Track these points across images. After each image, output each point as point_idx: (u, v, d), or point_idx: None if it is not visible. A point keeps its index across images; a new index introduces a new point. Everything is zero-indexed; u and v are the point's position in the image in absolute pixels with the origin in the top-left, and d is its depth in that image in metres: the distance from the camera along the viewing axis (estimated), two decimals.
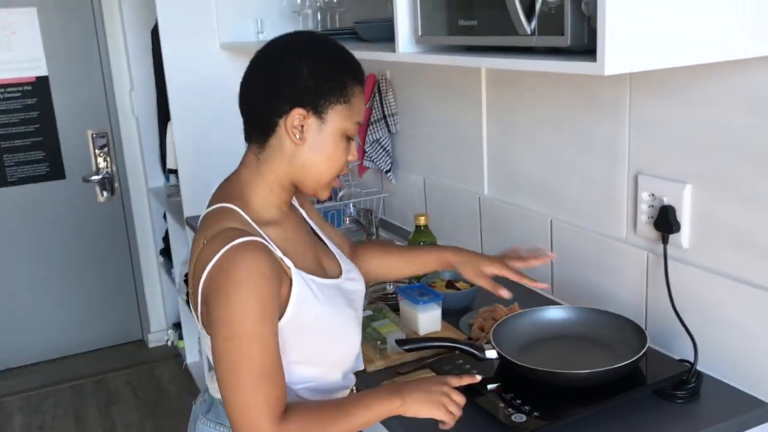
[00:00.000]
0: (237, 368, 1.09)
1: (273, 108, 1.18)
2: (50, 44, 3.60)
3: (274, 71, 1.19)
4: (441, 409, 1.16)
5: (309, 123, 1.18)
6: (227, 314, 1.09)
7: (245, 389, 1.09)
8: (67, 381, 3.73)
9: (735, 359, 1.40)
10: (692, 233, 1.46)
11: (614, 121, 1.60)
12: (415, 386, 1.18)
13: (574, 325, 1.54)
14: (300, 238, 1.28)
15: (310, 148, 1.20)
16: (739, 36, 1.12)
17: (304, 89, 1.17)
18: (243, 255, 1.10)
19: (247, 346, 1.09)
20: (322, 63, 1.19)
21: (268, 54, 1.22)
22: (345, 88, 1.19)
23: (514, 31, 1.20)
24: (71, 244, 3.85)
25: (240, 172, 1.25)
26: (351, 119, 1.21)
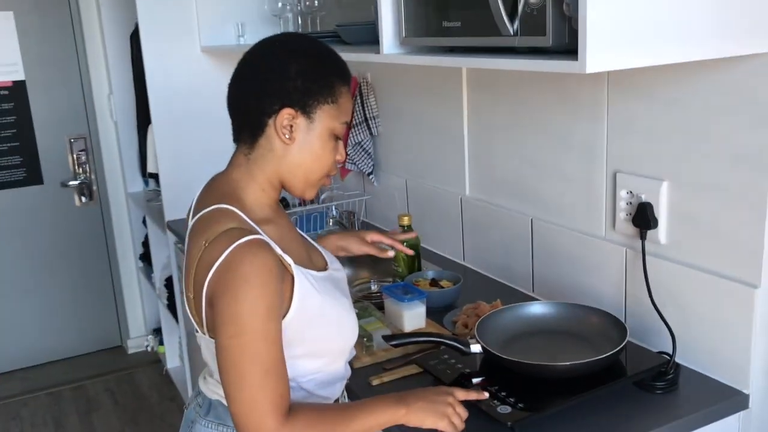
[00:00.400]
0: (242, 365, 1.09)
1: (262, 108, 1.19)
2: (27, 48, 3.58)
3: (262, 72, 1.20)
4: (444, 420, 1.19)
5: (298, 123, 1.19)
6: (235, 312, 1.09)
7: (251, 386, 1.09)
8: (45, 388, 3.69)
9: (712, 351, 1.44)
10: (669, 229, 1.50)
11: (592, 121, 1.64)
12: (420, 395, 1.20)
13: (555, 320, 1.58)
14: (291, 234, 1.30)
15: (299, 148, 1.21)
16: (716, 36, 1.16)
17: (292, 89, 1.18)
18: (250, 252, 1.11)
19: (254, 343, 1.09)
20: (310, 63, 1.20)
21: (257, 55, 1.23)
22: (333, 88, 1.21)
23: (497, 31, 1.23)
24: (49, 249, 3.82)
25: (230, 173, 1.25)
26: (339, 119, 1.23)
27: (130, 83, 3.53)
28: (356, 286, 1.98)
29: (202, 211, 1.21)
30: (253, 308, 1.09)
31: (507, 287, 2.00)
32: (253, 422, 1.09)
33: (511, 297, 1.88)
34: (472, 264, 2.16)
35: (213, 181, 1.28)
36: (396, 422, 1.18)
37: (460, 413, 1.21)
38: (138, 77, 3.36)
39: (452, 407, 1.20)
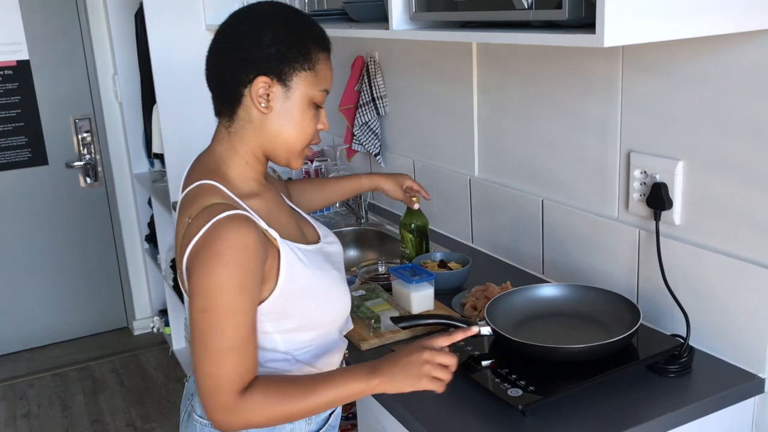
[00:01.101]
0: (206, 340, 1.09)
1: (237, 78, 1.17)
2: (31, 28, 3.54)
3: (236, 42, 1.18)
4: (423, 380, 1.13)
5: (274, 91, 1.17)
6: (205, 285, 1.09)
7: (211, 361, 1.10)
8: (51, 369, 3.69)
9: (726, 334, 1.42)
10: (684, 210, 1.47)
11: (606, 99, 1.60)
12: (391, 362, 1.14)
13: (566, 303, 1.55)
14: (280, 207, 1.29)
15: (277, 117, 1.19)
16: (737, 8, 1.12)
17: (266, 57, 1.16)
18: (228, 228, 1.10)
19: (219, 319, 1.09)
20: (284, 30, 1.17)
21: (230, 25, 1.21)
22: (309, 54, 1.18)
23: (511, 5, 1.20)
24: (54, 231, 3.81)
25: (213, 148, 1.25)
26: (317, 86, 1.20)
27: (135, 63, 3.50)
28: (363, 267, 1.95)
29: (189, 187, 1.21)
30: (223, 284, 1.08)
31: (517, 269, 1.97)
32: (211, 397, 1.10)
33: (520, 279, 1.86)
34: (481, 246, 2.14)
35: (199, 156, 1.28)
36: (370, 392, 1.15)
37: (443, 362, 1.14)
38: (143, 57, 3.33)
39: (429, 363, 1.13)
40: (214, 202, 1.14)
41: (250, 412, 1.11)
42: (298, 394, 1.13)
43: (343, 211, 2.60)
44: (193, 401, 1.33)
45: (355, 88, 2.58)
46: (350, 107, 2.59)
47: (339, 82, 2.72)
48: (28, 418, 3.28)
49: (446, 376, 1.15)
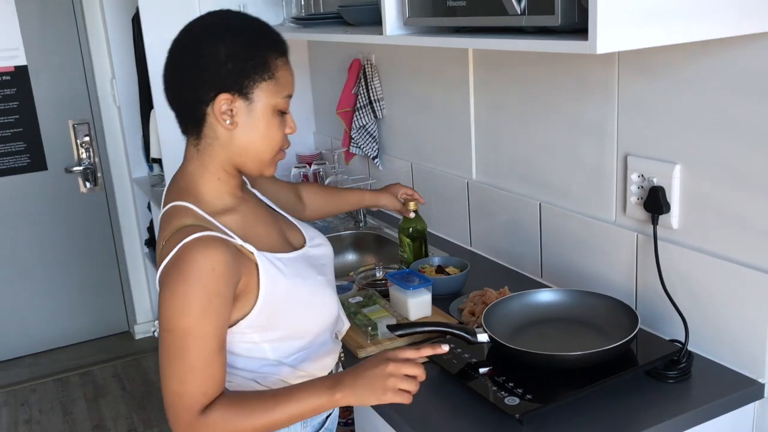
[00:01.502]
0: (171, 359, 1.10)
1: (198, 98, 1.16)
2: (29, 33, 3.54)
3: (192, 60, 1.16)
4: (388, 393, 1.11)
5: (237, 106, 1.16)
6: (171, 306, 1.10)
7: (174, 380, 1.10)
8: (53, 374, 3.69)
9: (725, 338, 1.40)
10: (682, 214, 1.46)
11: (603, 102, 1.59)
12: (354, 375, 1.13)
13: (564, 308, 1.54)
14: (259, 218, 1.28)
15: (243, 131, 1.18)
16: (733, 12, 1.11)
17: (224, 73, 1.14)
18: (195, 250, 1.10)
19: (182, 339, 1.09)
20: (239, 42, 1.15)
21: (184, 43, 1.18)
22: (267, 63, 1.17)
23: (503, 11, 1.18)
24: (54, 236, 3.80)
25: (185, 167, 1.24)
26: (280, 94, 1.19)
27: (133, 67, 3.49)
28: (361, 273, 1.95)
29: (165, 208, 1.21)
30: (187, 306, 1.09)
31: (515, 273, 1.96)
32: (172, 413, 1.12)
33: (519, 283, 1.85)
34: (479, 249, 2.13)
35: (174, 175, 1.27)
36: (332, 406, 1.15)
37: (412, 373, 1.11)
38: (140, 61, 3.32)
39: (393, 376, 1.10)
40: (186, 224, 1.14)
41: (210, 430, 1.11)
42: (260, 410, 1.12)
43: (342, 215, 2.59)
44: None
45: (352, 91, 2.57)
46: (348, 110, 2.58)
47: (336, 86, 2.71)
48: (30, 424, 3.27)
49: (413, 388, 1.13)
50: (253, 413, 1.12)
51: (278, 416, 1.13)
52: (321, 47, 2.92)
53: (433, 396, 1.40)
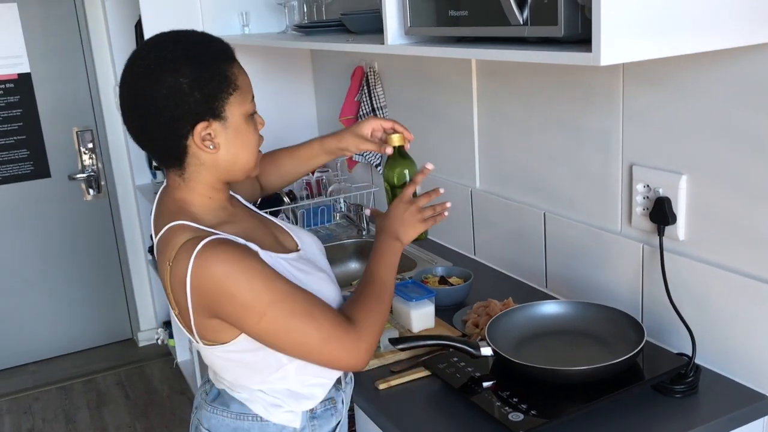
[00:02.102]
0: (289, 334, 1.15)
1: (176, 134, 1.16)
2: (32, 40, 3.54)
3: (156, 102, 1.13)
4: (423, 224, 1.34)
5: (214, 129, 1.17)
6: (242, 307, 1.12)
7: (312, 338, 1.16)
8: (56, 382, 3.68)
9: (734, 352, 1.38)
10: (688, 225, 1.44)
11: (607, 111, 1.57)
12: (397, 224, 1.33)
13: (569, 320, 1.52)
14: (253, 225, 1.31)
15: (227, 149, 1.20)
16: (739, 23, 1.09)
17: (194, 104, 1.14)
18: (212, 254, 1.11)
19: (278, 312, 1.13)
20: (197, 68, 1.14)
21: (137, 88, 1.15)
22: (226, 76, 1.17)
23: (505, 21, 1.16)
24: (58, 243, 3.80)
25: (173, 193, 1.24)
26: (246, 100, 1.21)
27: None
28: None
29: (159, 233, 1.21)
30: (254, 290, 1.12)
31: (519, 282, 1.94)
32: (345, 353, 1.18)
33: (523, 293, 1.83)
34: (482, 258, 2.11)
35: (160, 200, 1.27)
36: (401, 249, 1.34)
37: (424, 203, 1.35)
38: None
39: (420, 213, 1.34)
40: (188, 238, 1.14)
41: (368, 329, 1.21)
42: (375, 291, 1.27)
43: (344, 223, 2.58)
44: (198, 414, 1.35)
45: (355, 99, 2.55)
46: (351, 118, 2.57)
47: (339, 93, 2.69)
48: None
49: (432, 211, 1.35)
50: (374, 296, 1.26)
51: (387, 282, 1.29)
52: (324, 55, 2.91)
53: (435, 411, 1.38)
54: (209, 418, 1.32)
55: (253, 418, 1.29)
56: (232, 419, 1.29)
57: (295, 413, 1.29)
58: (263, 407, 1.28)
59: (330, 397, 1.34)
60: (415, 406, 1.40)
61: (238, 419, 1.29)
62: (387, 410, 1.39)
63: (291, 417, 1.29)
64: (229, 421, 1.30)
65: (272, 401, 1.28)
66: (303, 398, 1.29)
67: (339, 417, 1.37)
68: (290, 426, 1.29)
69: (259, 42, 2.41)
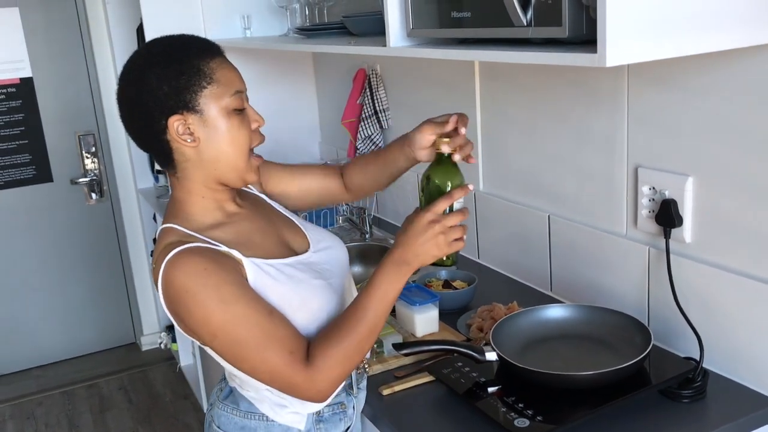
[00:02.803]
0: (239, 359, 1.15)
1: (155, 131, 1.18)
2: (34, 45, 3.53)
3: (134, 100, 1.18)
4: (443, 248, 1.16)
5: (191, 121, 1.17)
6: (196, 320, 1.13)
7: (260, 368, 1.15)
8: (59, 387, 3.67)
9: (742, 356, 1.36)
10: (695, 227, 1.42)
11: (612, 112, 1.55)
12: (408, 246, 1.16)
13: (575, 324, 1.50)
14: (255, 227, 1.30)
15: (208, 143, 1.19)
16: (746, 22, 1.08)
17: (164, 97, 1.16)
18: (177, 266, 1.13)
19: (230, 335, 1.13)
20: (164, 63, 1.16)
21: (121, 89, 1.21)
22: (200, 70, 1.17)
23: (509, 22, 1.15)
24: (61, 247, 3.79)
25: (172, 196, 1.28)
26: (226, 94, 1.19)
27: None
28: None
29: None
30: (207, 309, 1.12)
31: (524, 286, 1.92)
32: (289, 386, 1.15)
33: (527, 297, 1.81)
34: (487, 261, 2.09)
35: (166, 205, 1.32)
36: (404, 281, 1.18)
37: (455, 222, 1.17)
38: None
39: (443, 234, 1.15)
40: (166, 244, 1.17)
41: (326, 367, 1.14)
42: (352, 321, 1.16)
43: (347, 227, 2.56)
44: (212, 411, 1.37)
45: (357, 102, 2.54)
46: (353, 120, 2.55)
47: (341, 96, 2.68)
48: None
49: (462, 233, 1.18)
50: (348, 328, 1.16)
51: (372, 315, 1.16)
52: (326, 57, 2.90)
53: (439, 416, 1.36)
54: (220, 415, 1.34)
55: (259, 418, 1.30)
56: (240, 417, 1.31)
57: (301, 415, 1.29)
58: (269, 407, 1.29)
59: (339, 402, 1.33)
60: (419, 412, 1.38)
61: (246, 418, 1.31)
62: (391, 416, 1.38)
63: (296, 418, 1.29)
64: (238, 420, 1.31)
65: (278, 401, 1.28)
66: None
67: (348, 422, 1.36)
68: (295, 427, 1.30)
69: (261, 45, 2.40)
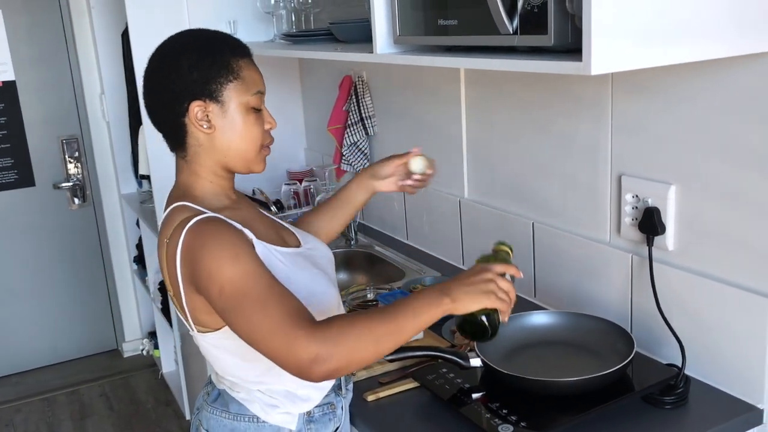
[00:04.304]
0: (243, 308, 1.11)
1: (174, 112, 1.23)
2: (17, 48, 3.51)
3: (160, 79, 1.24)
4: (491, 296, 1.14)
5: (211, 110, 1.23)
6: (208, 272, 1.12)
7: (257, 326, 1.10)
8: (39, 393, 3.63)
9: (723, 363, 1.38)
10: (678, 235, 1.44)
11: (596, 121, 1.57)
12: (458, 282, 1.16)
13: (559, 330, 1.51)
14: (255, 216, 1.34)
15: (222, 132, 1.24)
16: (729, 33, 1.09)
17: (191, 82, 1.21)
18: (203, 227, 1.16)
19: (238, 284, 1.11)
20: (199, 52, 1.22)
21: (151, 66, 1.26)
22: (229, 65, 1.24)
23: (495, 30, 1.16)
24: (42, 252, 3.75)
25: (178, 179, 1.31)
26: (248, 92, 1.25)
27: (123, 82, 3.46)
28: (352, 293, 1.91)
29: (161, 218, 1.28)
30: (219, 262, 1.12)
31: None
32: (285, 348, 1.07)
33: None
34: None
35: (169, 193, 1.33)
36: (442, 315, 1.14)
37: (504, 287, 1.16)
38: (130, 76, 3.29)
39: (495, 283, 1.15)
40: (184, 217, 1.19)
41: (333, 334, 1.07)
42: (376, 316, 1.11)
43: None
44: (200, 415, 1.37)
45: (343, 108, 2.54)
46: (339, 127, 2.56)
47: (327, 102, 2.69)
48: None
49: (509, 297, 1.16)
50: (370, 319, 1.11)
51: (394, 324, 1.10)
52: (312, 64, 2.90)
53: (424, 423, 1.37)
54: (209, 418, 1.34)
55: (249, 419, 1.30)
56: (230, 420, 1.31)
57: (292, 415, 1.30)
58: (261, 407, 1.30)
59: (329, 402, 1.35)
60: (403, 418, 1.38)
61: (236, 420, 1.31)
62: (375, 422, 1.38)
63: (287, 418, 1.30)
64: (227, 422, 1.31)
65: (270, 402, 1.29)
66: (299, 400, 1.31)
67: (338, 423, 1.37)
68: (286, 428, 1.31)
69: None
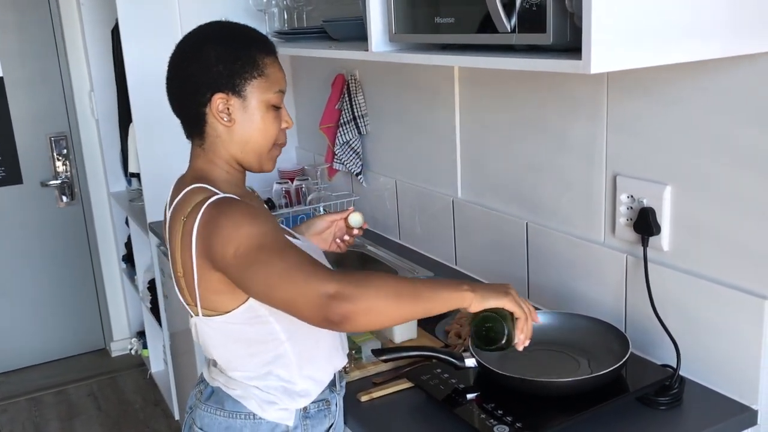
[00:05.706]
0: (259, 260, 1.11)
1: (196, 101, 1.25)
2: (5, 44, 3.47)
3: (186, 67, 1.25)
4: (510, 298, 1.18)
5: (232, 103, 1.25)
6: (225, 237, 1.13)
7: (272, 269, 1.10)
8: (26, 393, 3.59)
9: (718, 363, 1.38)
10: (673, 235, 1.43)
11: (591, 120, 1.56)
12: (482, 284, 1.22)
13: (553, 331, 1.50)
14: (263, 208, 1.37)
15: (241, 126, 1.26)
16: (727, 33, 1.09)
17: (217, 75, 1.23)
18: (222, 202, 1.18)
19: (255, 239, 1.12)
20: (227, 45, 1.24)
21: (178, 54, 1.28)
22: (255, 61, 1.25)
23: (493, 28, 1.15)
24: (30, 251, 3.71)
25: (193, 165, 1.32)
26: (271, 89, 1.27)
27: (112, 79, 3.43)
28: None
29: (177, 198, 1.26)
30: (236, 220, 1.14)
31: None
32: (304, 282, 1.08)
33: None
34: (464, 269, 2.09)
35: (180, 178, 1.34)
36: (462, 304, 1.16)
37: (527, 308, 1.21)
38: (120, 73, 3.26)
39: (515, 293, 1.20)
40: (203, 197, 1.20)
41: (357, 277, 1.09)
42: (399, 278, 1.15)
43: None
44: (193, 414, 1.36)
45: (335, 107, 2.53)
46: (331, 126, 2.54)
47: (320, 101, 2.67)
48: None
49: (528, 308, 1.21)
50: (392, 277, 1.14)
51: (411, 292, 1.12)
52: (304, 62, 2.89)
53: (418, 423, 1.36)
54: (203, 417, 1.33)
55: (245, 417, 1.29)
56: (225, 418, 1.30)
57: (289, 411, 1.30)
58: (257, 404, 1.29)
59: (324, 399, 1.34)
60: (397, 419, 1.37)
61: (231, 417, 1.29)
62: (369, 423, 1.37)
63: (284, 415, 1.30)
64: (222, 420, 1.30)
65: (266, 398, 1.28)
66: (297, 395, 1.30)
67: (332, 419, 1.36)
68: (283, 423, 1.30)
69: None
